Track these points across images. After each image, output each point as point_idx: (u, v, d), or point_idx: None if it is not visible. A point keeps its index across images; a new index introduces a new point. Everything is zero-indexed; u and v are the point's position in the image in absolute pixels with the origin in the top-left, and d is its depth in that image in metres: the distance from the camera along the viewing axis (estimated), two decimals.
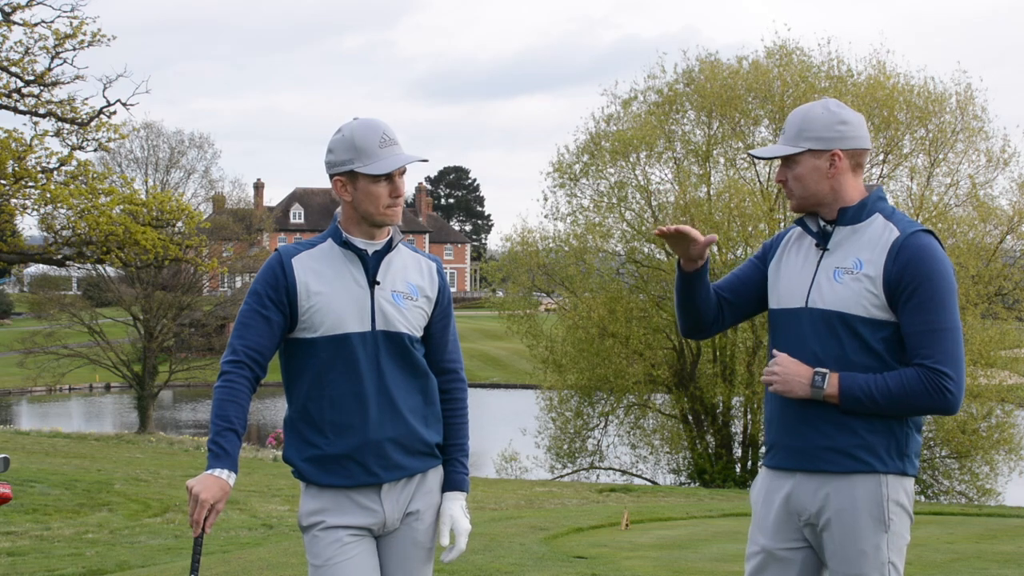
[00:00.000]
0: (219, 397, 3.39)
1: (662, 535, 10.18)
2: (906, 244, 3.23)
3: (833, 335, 3.26)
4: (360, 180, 3.42)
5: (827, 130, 3.31)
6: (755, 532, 3.43)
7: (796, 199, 3.38)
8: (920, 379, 3.19)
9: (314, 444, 3.44)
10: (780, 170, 3.41)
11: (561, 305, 31.94)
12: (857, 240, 3.30)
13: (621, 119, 30.03)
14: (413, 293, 3.52)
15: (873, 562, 3.25)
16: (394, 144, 3.43)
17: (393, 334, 3.45)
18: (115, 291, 43.67)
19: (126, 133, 21.19)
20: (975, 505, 22.33)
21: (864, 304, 3.23)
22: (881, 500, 3.25)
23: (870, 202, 3.34)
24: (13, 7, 18.91)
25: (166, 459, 23.42)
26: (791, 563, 3.36)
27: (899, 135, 28.14)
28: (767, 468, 3.46)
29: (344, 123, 3.48)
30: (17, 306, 71.61)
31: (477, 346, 65.20)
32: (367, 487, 3.44)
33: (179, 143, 49.47)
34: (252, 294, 3.46)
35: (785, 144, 3.36)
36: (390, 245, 3.52)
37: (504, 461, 29.57)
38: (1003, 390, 27.07)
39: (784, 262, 3.46)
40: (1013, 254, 28.68)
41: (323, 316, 3.41)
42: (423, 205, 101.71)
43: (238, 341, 3.44)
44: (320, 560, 3.43)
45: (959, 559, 8.58)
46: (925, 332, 3.19)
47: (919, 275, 3.19)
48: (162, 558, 9.78)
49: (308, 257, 3.48)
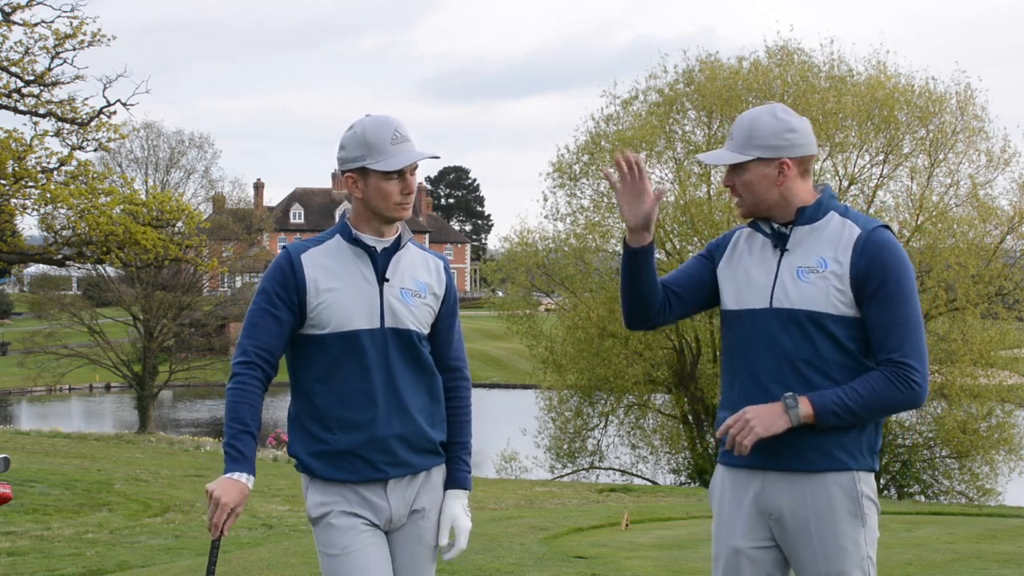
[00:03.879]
0: (232, 399, 3.38)
1: (662, 535, 10.17)
2: (870, 240, 3.24)
3: (804, 334, 3.25)
4: (372, 176, 3.42)
5: (775, 138, 3.31)
6: (723, 532, 3.40)
7: (746, 206, 3.38)
8: (886, 377, 3.20)
9: (321, 439, 3.43)
10: (728, 175, 3.39)
11: (561, 305, 31.94)
12: (817, 239, 3.31)
13: (621, 119, 30.06)
14: (422, 291, 3.52)
15: (854, 557, 3.26)
16: (406, 141, 3.43)
17: (402, 331, 3.46)
18: (115, 291, 43.69)
19: (126, 133, 21.21)
20: (975, 505, 22.34)
21: (833, 302, 3.24)
22: (857, 496, 3.27)
23: (824, 201, 3.35)
24: (13, 7, 18.91)
25: (166, 459, 23.43)
26: (762, 562, 3.35)
27: (899, 135, 28.15)
28: (729, 467, 3.42)
29: (356, 120, 3.48)
30: (17, 306, 71.61)
31: (477, 346, 65.18)
32: (373, 483, 3.44)
33: (179, 143, 49.54)
34: (261, 292, 3.45)
35: (733, 151, 3.35)
36: (399, 243, 3.52)
37: (504, 461, 29.58)
38: (1003, 390, 27.09)
39: (737, 262, 3.44)
40: (1013, 254, 28.67)
41: (332, 313, 3.41)
42: (423, 205, 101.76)
43: (248, 341, 3.42)
44: (337, 549, 3.40)
45: (959, 559, 8.58)
46: (891, 326, 3.21)
47: (885, 270, 3.21)
48: (162, 558, 9.78)
49: (317, 253, 3.48)
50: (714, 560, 3.44)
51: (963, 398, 26.38)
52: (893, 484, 27.99)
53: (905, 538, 10.02)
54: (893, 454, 28.44)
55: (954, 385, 26.27)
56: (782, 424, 3.20)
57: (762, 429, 3.21)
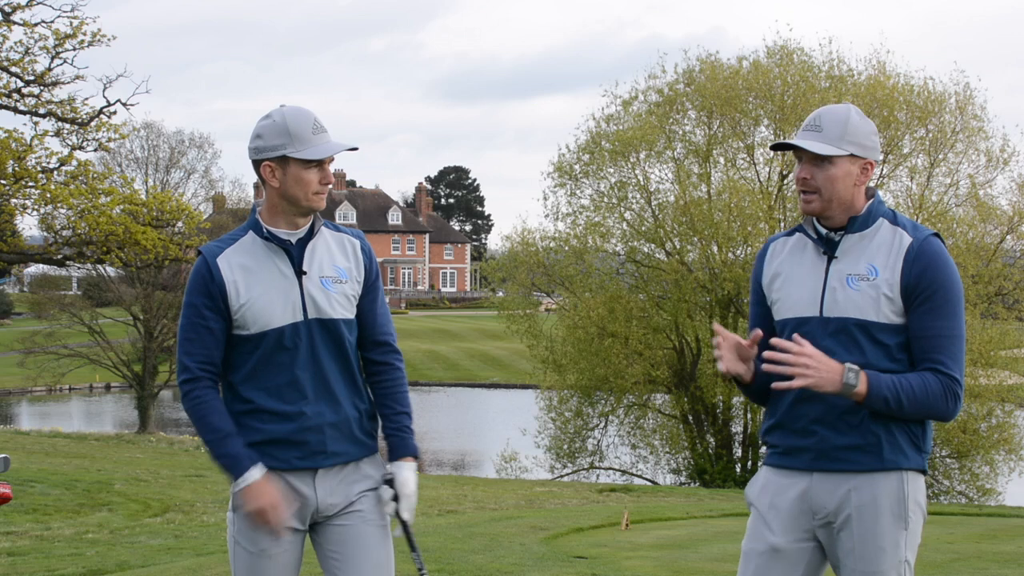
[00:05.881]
0: (197, 415, 3.43)
1: (662, 535, 10.17)
2: (922, 249, 3.24)
3: (854, 342, 3.24)
4: (291, 165, 3.43)
5: (867, 138, 3.31)
6: (760, 530, 3.38)
7: (821, 201, 3.31)
8: (939, 383, 3.20)
9: (253, 428, 3.45)
10: (806, 167, 3.32)
11: (561, 305, 31.93)
12: (866, 247, 3.29)
13: (621, 119, 30.02)
14: (342, 276, 3.52)
15: (891, 559, 3.24)
16: (324, 131, 3.46)
17: (327, 321, 3.48)
18: (115, 291, 43.69)
19: (126, 133, 21.18)
20: (975, 505, 22.33)
21: (882, 310, 3.23)
22: (903, 497, 3.25)
23: (874, 207, 3.33)
24: (13, 7, 18.91)
25: (166, 459, 23.43)
26: (798, 560, 3.34)
27: (899, 135, 28.13)
28: (774, 467, 3.41)
29: (272, 109, 3.48)
30: (17, 306, 71.60)
31: (477, 346, 65.20)
32: (302, 471, 3.47)
33: (179, 143, 49.52)
34: (188, 307, 3.46)
35: (826, 143, 3.29)
36: (311, 231, 3.52)
37: (504, 461, 29.56)
38: (1003, 390, 27.06)
39: (783, 271, 3.41)
40: (1013, 254, 28.66)
41: (255, 314, 3.43)
42: (423, 205, 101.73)
43: (187, 358, 3.45)
44: (255, 547, 3.45)
45: (959, 559, 8.58)
46: (938, 337, 3.21)
47: (936, 281, 3.21)
48: (162, 558, 9.77)
49: (233, 253, 3.48)
50: (746, 554, 3.41)
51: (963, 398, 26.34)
52: None
53: None
54: None
55: None
56: (831, 389, 3.16)
57: (812, 383, 3.16)
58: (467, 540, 9.16)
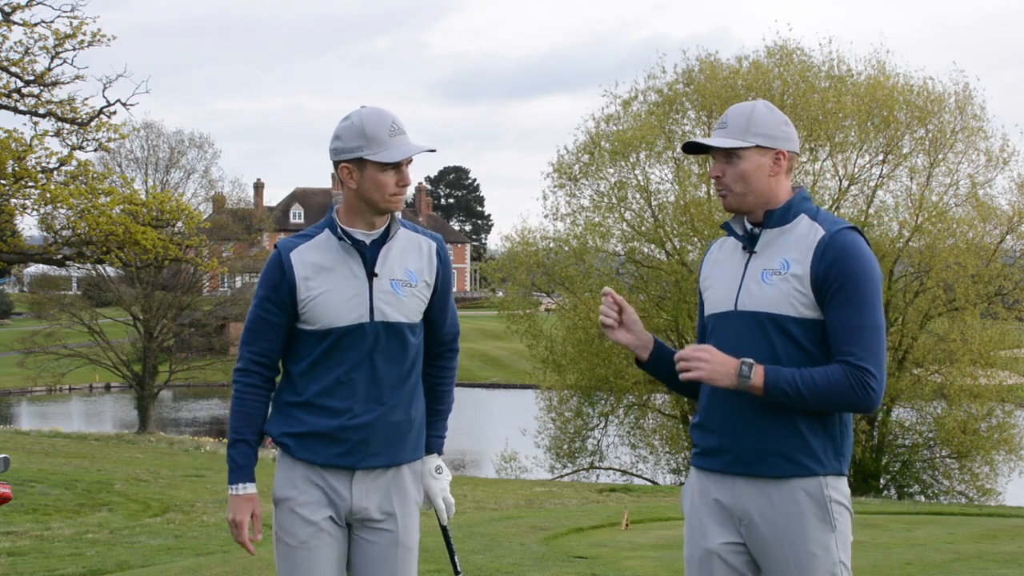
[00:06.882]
0: (232, 408, 3.53)
1: (662, 535, 10.17)
2: (832, 242, 3.21)
3: (764, 336, 3.24)
4: (368, 167, 3.43)
5: (774, 128, 3.31)
6: (695, 535, 3.38)
7: (734, 196, 3.33)
8: (844, 375, 3.16)
9: (299, 420, 3.50)
10: (719, 164, 3.35)
11: (561, 305, 31.93)
12: (784, 241, 3.28)
13: (621, 119, 30.04)
14: (412, 279, 3.54)
15: (825, 563, 3.23)
16: (403, 133, 3.46)
17: (392, 325, 3.49)
18: (115, 291, 43.69)
19: (126, 133, 21.19)
20: (975, 505, 22.32)
21: (794, 304, 3.21)
22: (824, 501, 3.24)
23: (795, 203, 3.32)
24: (13, 7, 18.91)
25: (166, 459, 23.44)
26: (734, 564, 3.32)
27: (899, 135, 28.14)
28: (699, 470, 3.41)
29: (352, 111, 3.49)
30: (17, 306, 71.63)
31: (477, 346, 65.18)
32: (340, 469, 3.50)
33: (179, 143, 49.51)
34: (257, 298, 3.54)
35: (729, 137, 3.32)
36: (387, 233, 3.54)
37: (504, 461, 29.58)
38: (1003, 390, 27.07)
39: (712, 270, 3.46)
40: (1013, 254, 28.67)
41: (322, 310, 3.46)
42: (423, 205, 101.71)
43: (245, 348, 3.55)
44: (295, 540, 3.51)
45: (959, 559, 8.58)
46: (849, 328, 3.17)
47: (844, 272, 3.18)
48: (162, 558, 9.78)
49: (307, 249, 3.51)
50: (687, 562, 3.42)
51: (963, 398, 26.37)
52: (893, 484, 28.00)
53: (905, 538, 10.02)
54: (893, 454, 28.45)
55: (954, 385, 26.27)
56: (726, 383, 3.19)
57: (706, 376, 3.20)
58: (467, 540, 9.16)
